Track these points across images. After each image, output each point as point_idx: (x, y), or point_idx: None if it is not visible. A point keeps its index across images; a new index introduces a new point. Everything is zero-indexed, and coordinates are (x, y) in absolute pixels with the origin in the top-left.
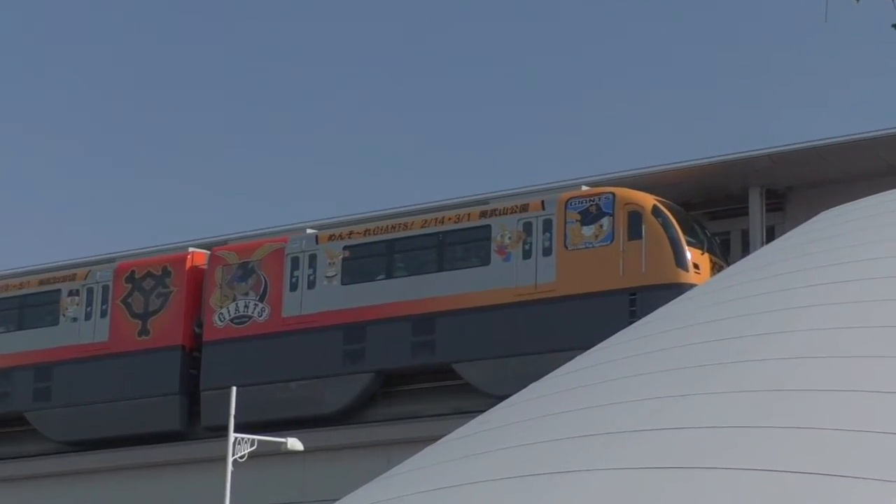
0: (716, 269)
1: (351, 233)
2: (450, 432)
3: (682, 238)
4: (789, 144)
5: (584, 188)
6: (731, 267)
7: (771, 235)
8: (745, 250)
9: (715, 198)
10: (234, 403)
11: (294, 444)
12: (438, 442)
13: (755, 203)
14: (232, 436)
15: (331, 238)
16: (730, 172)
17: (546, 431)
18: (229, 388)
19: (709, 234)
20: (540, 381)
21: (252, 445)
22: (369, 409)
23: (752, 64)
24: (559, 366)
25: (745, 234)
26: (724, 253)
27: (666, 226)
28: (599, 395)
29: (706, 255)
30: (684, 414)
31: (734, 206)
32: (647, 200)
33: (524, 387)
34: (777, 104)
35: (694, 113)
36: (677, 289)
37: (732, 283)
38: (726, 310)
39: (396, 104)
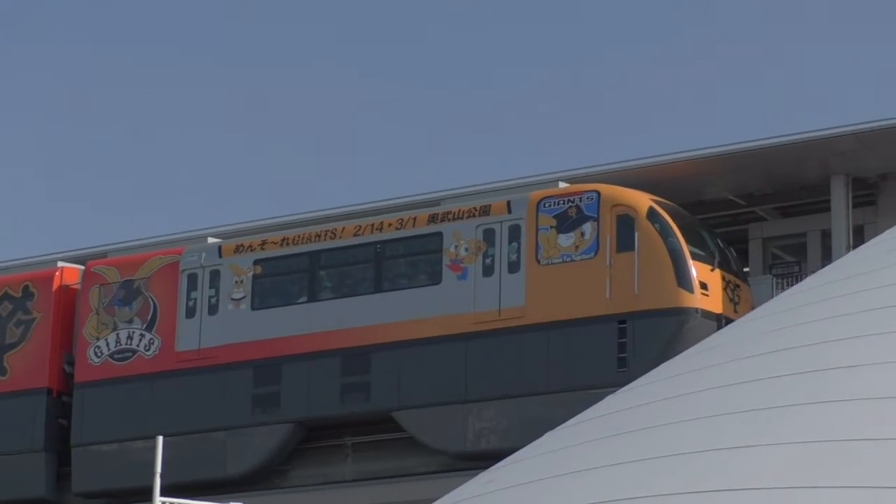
0: (730, 288)
1: (264, 243)
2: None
3: (686, 249)
4: (883, 119)
5: (562, 185)
6: (809, 279)
7: (860, 236)
8: (827, 257)
9: (786, 189)
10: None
11: None
12: None
13: (839, 195)
14: (158, 500)
15: (238, 249)
16: (804, 157)
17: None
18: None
19: (721, 245)
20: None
21: None
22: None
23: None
24: (527, 413)
25: (825, 236)
26: (741, 267)
27: (665, 234)
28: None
29: (717, 271)
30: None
31: (812, 200)
32: (641, 201)
33: (484, 441)
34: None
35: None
36: (679, 315)
37: (810, 301)
38: (800, 335)
39: (323, 80)
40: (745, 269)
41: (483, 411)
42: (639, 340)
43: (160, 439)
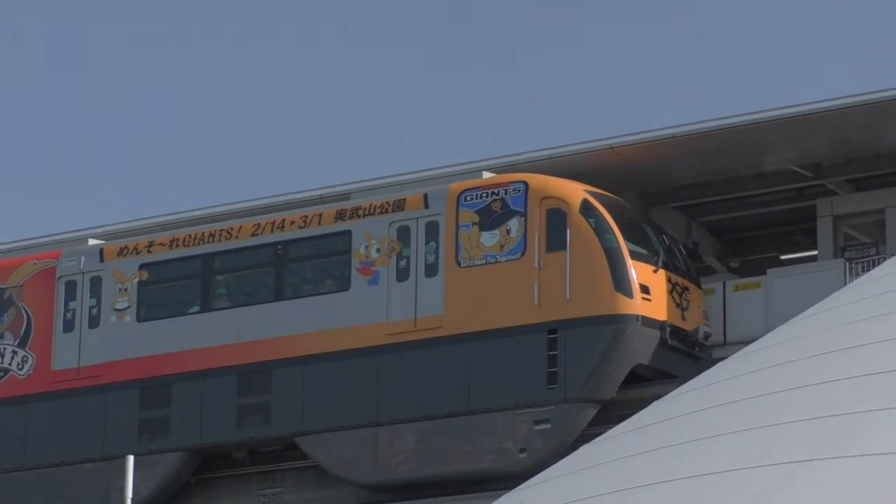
0: (676, 292)
1: (150, 244)
2: None
3: (625, 248)
4: None
5: (487, 175)
6: (882, 266)
7: None
8: None
9: (860, 157)
10: None
11: None
12: None
13: None
14: None
15: (122, 253)
16: (881, 120)
17: None
18: None
19: (667, 242)
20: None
21: None
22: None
23: None
24: (451, 436)
25: None
26: (691, 266)
27: (601, 230)
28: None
29: (661, 272)
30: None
31: (890, 171)
32: (574, 193)
33: (398, 468)
34: None
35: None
36: (616, 322)
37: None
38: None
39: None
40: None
41: (396, 436)
42: (571, 351)
43: (131, 458)
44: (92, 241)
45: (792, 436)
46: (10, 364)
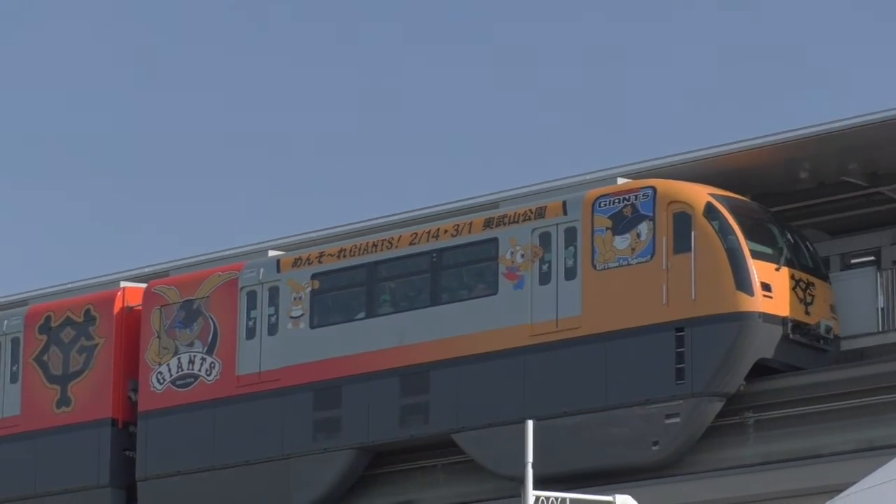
0: (800, 288)
1: (321, 255)
2: None
3: (746, 248)
4: None
5: (621, 181)
6: None
7: None
8: None
9: None
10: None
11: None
12: None
13: None
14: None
15: (296, 264)
16: None
17: None
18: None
19: (793, 238)
20: None
21: None
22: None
23: None
24: (590, 431)
25: None
26: (819, 261)
27: (723, 232)
28: None
29: (784, 269)
30: None
31: None
32: (699, 196)
33: (544, 462)
34: None
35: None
36: (738, 320)
37: None
38: None
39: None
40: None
41: (546, 431)
42: (697, 349)
43: (530, 423)
44: (272, 253)
45: None
46: (199, 370)
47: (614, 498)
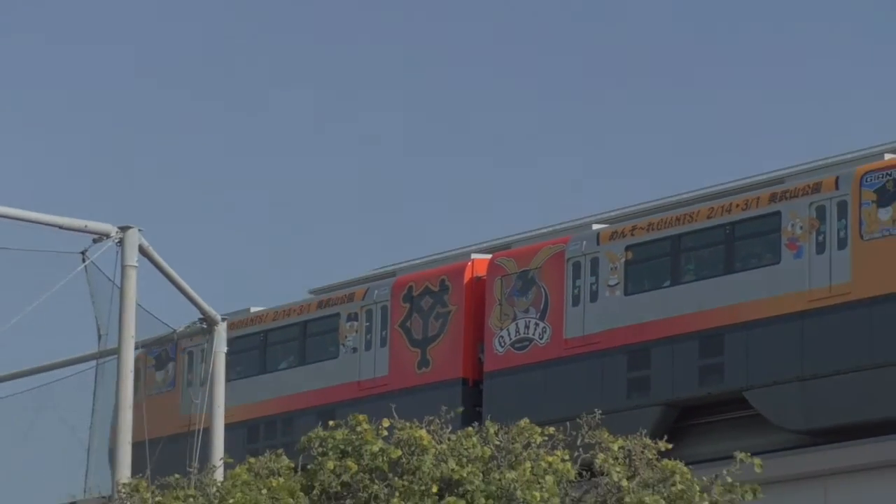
0: None
1: (634, 229)
2: None
3: None
4: None
5: (888, 157)
6: None
7: None
8: None
9: None
10: None
11: None
12: None
13: None
14: None
15: (612, 236)
16: None
17: None
18: None
19: None
20: None
21: None
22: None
23: None
24: (862, 386)
25: None
26: None
27: None
28: None
29: None
30: None
31: None
32: None
33: (823, 416)
34: None
35: None
36: None
37: None
38: None
39: None
40: None
41: (820, 388)
42: None
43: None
44: (595, 226)
45: None
46: (533, 334)
47: None
